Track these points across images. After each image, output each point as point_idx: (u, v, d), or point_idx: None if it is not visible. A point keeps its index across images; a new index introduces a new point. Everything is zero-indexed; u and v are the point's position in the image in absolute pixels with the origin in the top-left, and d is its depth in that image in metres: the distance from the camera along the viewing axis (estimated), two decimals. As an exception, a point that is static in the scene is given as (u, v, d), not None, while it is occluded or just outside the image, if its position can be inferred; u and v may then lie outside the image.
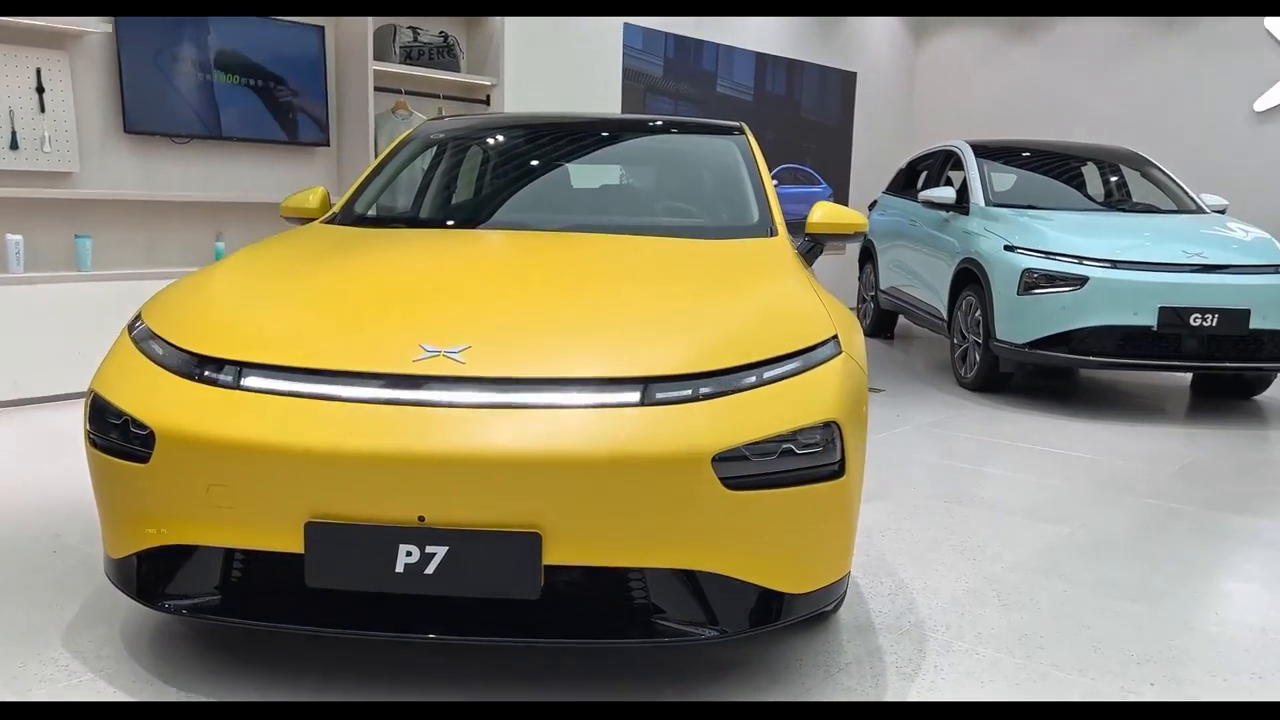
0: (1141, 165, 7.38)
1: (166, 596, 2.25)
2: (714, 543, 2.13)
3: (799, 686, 2.38)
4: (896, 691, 2.37)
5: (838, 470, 2.24)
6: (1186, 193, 7.05)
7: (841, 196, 10.85)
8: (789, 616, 2.26)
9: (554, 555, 2.06)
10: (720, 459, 2.08)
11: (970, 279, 6.50)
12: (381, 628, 2.16)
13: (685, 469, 2.07)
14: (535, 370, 2.18)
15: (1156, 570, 3.27)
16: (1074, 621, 2.82)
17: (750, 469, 2.12)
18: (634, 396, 2.14)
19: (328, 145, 6.63)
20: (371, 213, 3.62)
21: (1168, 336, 5.61)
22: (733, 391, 2.19)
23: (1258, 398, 6.44)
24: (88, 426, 2.36)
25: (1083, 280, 5.66)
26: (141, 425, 2.20)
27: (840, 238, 3.63)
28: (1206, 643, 2.72)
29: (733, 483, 2.10)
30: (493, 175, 3.98)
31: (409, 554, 2.07)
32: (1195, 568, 3.31)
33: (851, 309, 9.42)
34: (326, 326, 2.34)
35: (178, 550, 2.22)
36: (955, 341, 6.72)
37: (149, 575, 2.27)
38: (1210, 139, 9.76)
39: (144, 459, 2.18)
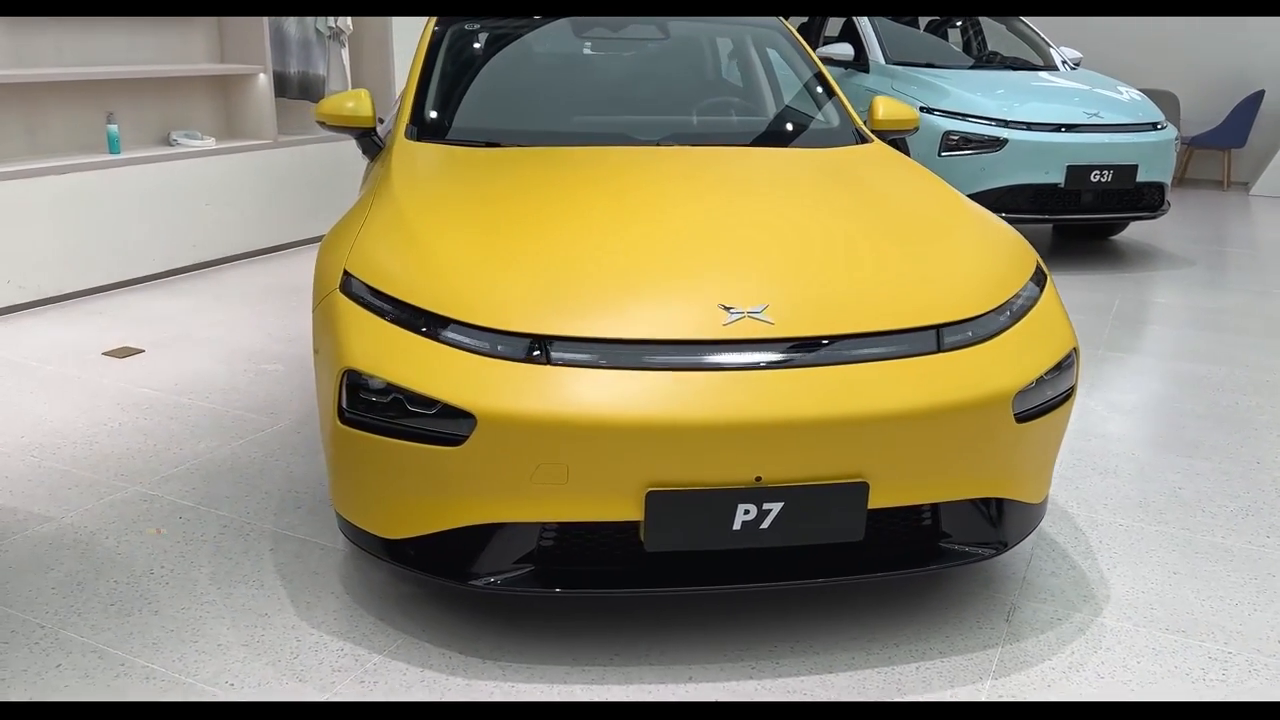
0: (1006, 19, 7.84)
1: (474, 574, 2.22)
2: (1001, 470, 2.34)
3: (1012, 575, 2.69)
4: (1095, 573, 2.73)
5: (1073, 390, 2.49)
6: (1049, 45, 7.60)
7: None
8: (1036, 524, 2.54)
9: (877, 500, 2.21)
10: (1016, 395, 2.27)
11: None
12: (713, 582, 2.25)
13: (991, 409, 2.24)
14: (838, 326, 2.24)
15: (1184, 426, 3.80)
16: (1165, 483, 3.29)
17: (1027, 402, 2.33)
18: (930, 343, 2.27)
19: None
20: (457, 122, 3.41)
21: (1070, 192, 6.21)
22: (1001, 330, 2.36)
23: (1113, 237, 7.29)
24: (348, 410, 2.21)
25: (1002, 142, 6.11)
26: (433, 403, 2.10)
27: (898, 133, 3.81)
28: (1275, 492, 3.26)
29: (1019, 416, 2.30)
30: (562, 71, 3.80)
31: (746, 512, 2.15)
32: (1211, 421, 3.87)
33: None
34: (613, 291, 2.28)
35: (484, 527, 2.18)
36: (864, 198, 7.06)
37: (453, 554, 2.22)
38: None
39: (454, 442, 2.10)
